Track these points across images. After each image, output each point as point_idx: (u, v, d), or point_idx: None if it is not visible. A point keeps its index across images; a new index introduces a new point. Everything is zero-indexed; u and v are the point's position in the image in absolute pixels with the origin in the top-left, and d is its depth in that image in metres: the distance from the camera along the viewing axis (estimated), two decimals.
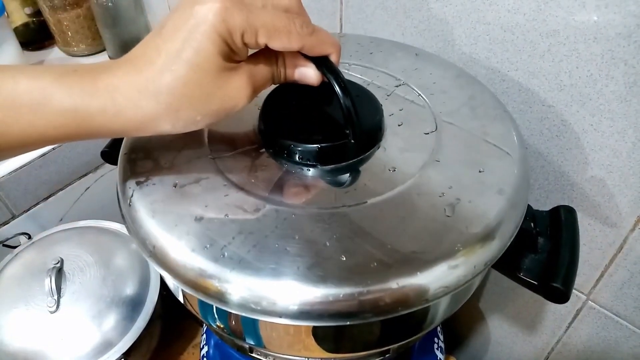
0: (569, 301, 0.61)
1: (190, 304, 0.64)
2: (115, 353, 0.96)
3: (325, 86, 0.56)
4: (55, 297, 0.95)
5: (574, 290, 0.95)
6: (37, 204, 1.19)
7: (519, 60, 0.77)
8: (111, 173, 1.29)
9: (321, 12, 0.96)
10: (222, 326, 0.62)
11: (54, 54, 1.40)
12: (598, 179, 0.79)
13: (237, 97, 0.47)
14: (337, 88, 0.54)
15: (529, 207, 0.63)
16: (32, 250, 1.04)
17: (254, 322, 0.57)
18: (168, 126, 0.46)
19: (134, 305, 1.00)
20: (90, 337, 0.96)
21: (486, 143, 0.66)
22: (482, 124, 0.68)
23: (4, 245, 1.06)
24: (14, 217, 1.17)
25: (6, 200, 1.13)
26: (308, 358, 0.65)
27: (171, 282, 0.63)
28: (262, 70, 0.50)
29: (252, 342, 0.63)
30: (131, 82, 0.43)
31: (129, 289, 1.01)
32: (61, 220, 1.24)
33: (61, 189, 1.22)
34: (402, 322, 0.59)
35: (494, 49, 0.79)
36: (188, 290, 0.52)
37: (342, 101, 0.55)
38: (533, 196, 0.89)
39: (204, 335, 0.97)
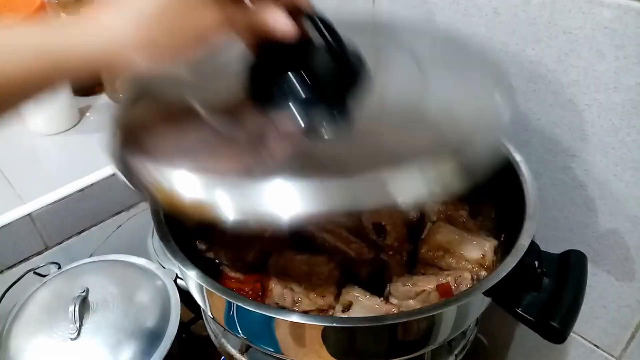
0: None
1: (212, 310, 0.66)
2: None
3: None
4: (77, 324, 0.96)
5: (602, 353, 0.92)
6: (70, 237, 1.23)
7: (541, 110, 0.79)
8: (143, 213, 1.33)
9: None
10: (244, 337, 0.63)
11: (102, 100, 1.49)
12: (624, 230, 0.78)
13: (211, 26, 0.49)
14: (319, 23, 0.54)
15: (536, 245, 0.64)
16: (61, 280, 1.07)
17: (270, 323, 0.58)
18: (143, 57, 0.46)
19: (152, 339, 1.00)
20: None
21: None
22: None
23: (34, 273, 1.10)
24: (47, 248, 1.21)
25: (42, 231, 1.18)
26: None
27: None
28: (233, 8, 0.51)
29: (270, 349, 0.64)
30: (112, 11, 0.45)
31: (149, 323, 1.02)
32: (91, 255, 1.28)
33: (94, 225, 1.27)
34: (407, 330, 0.60)
35: (518, 99, 0.81)
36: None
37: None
38: (556, 249, 0.88)
39: None
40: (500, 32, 0.78)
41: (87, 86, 1.50)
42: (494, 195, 0.81)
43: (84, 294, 1.01)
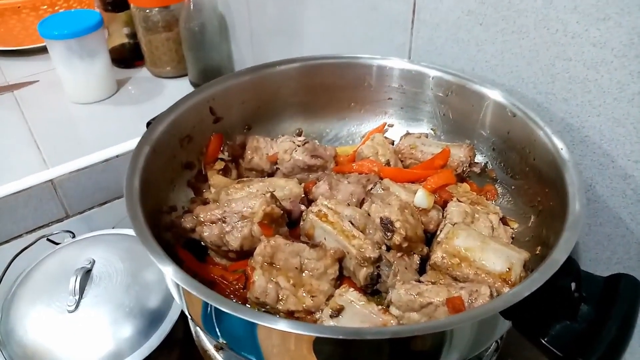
0: None
1: (189, 309, 0.58)
2: None
3: None
4: (77, 297, 0.92)
5: None
6: (92, 208, 1.21)
7: (602, 104, 0.66)
8: None
9: (391, 43, 0.92)
10: (224, 342, 0.55)
11: (142, 73, 1.47)
12: None
13: None
14: None
15: (574, 263, 0.51)
16: (72, 249, 1.04)
17: (253, 330, 0.49)
18: None
19: (152, 320, 0.95)
20: (102, 344, 0.91)
21: None
22: None
23: (47, 240, 1.07)
24: (67, 217, 1.19)
25: (63, 198, 1.16)
26: None
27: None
28: None
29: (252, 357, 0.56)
30: None
31: (151, 304, 0.96)
32: (113, 227, 1.25)
33: (117, 197, 1.23)
34: (404, 348, 0.50)
35: (574, 89, 0.68)
36: None
37: None
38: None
39: None
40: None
41: (127, 58, 1.49)
42: (534, 200, 0.69)
43: (89, 266, 0.97)
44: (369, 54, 0.85)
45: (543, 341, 0.50)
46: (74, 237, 1.10)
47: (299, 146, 0.78)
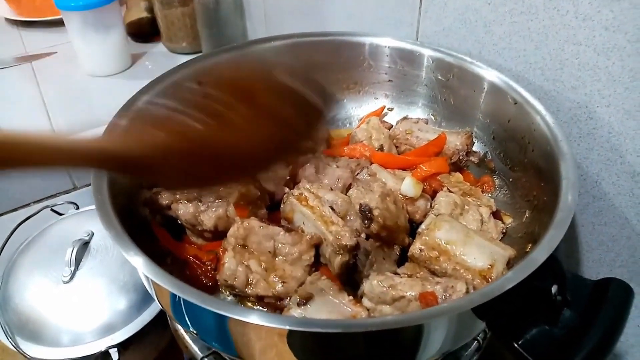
0: None
1: (159, 297, 0.56)
2: (113, 339, 0.91)
3: None
4: (72, 268, 0.93)
5: None
6: None
7: (612, 94, 0.61)
8: None
9: (399, 23, 0.87)
10: (194, 331, 0.53)
11: (158, 48, 1.46)
12: None
13: None
14: None
15: (558, 264, 0.47)
16: (73, 221, 1.05)
17: (223, 321, 0.47)
18: None
19: (144, 296, 0.95)
20: (94, 315, 0.92)
21: None
22: None
23: (51, 210, 1.08)
24: (74, 189, 1.20)
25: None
26: None
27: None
28: None
29: (221, 347, 0.54)
30: None
31: (145, 280, 0.96)
32: None
33: None
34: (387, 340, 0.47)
35: (583, 76, 0.63)
36: None
37: None
38: (610, 274, 0.69)
39: None
40: None
41: (145, 32, 1.48)
42: (529, 194, 0.64)
43: (87, 238, 0.98)
44: (377, 34, 0.81)
45: (515, 345, 0.47)
46: (77, 208, 1.11)
47: None
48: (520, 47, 0.70)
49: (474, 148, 0.72)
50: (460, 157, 0.70)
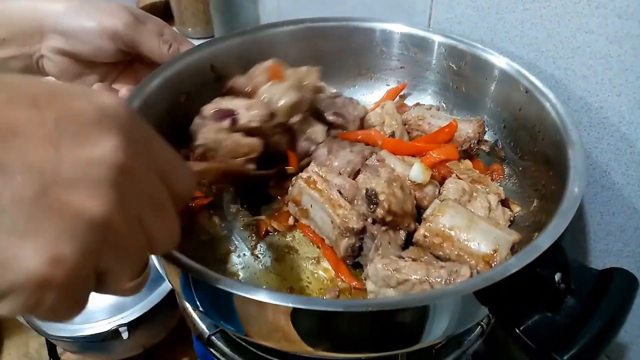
0: None
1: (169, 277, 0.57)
2: (123, 318, 0.93)
3: None
4: None
5: None
6: None
7: (624, 83, 0.61)
8: None
9: (411, 10, 0.87)
10: (200, 306, 0.54)
11: None
12: None
13: None
14: None
15: (562, 252, 0.47)
16: None
17: (230, 298, 0.48)
18: None
19: (154, 278, 0.96)
20: (105, 295, 0.94)
21: None
22: None
23: None
24: None
25: None
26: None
27: None
28: None
29: (230, 326, 0.55)
30: None
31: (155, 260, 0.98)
32: None
33: None
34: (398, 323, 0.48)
35: (595, 65, 0.63)
36: None
37: None
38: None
39: None
40: None
41: (159, 17, 1.48)
42: (538, 183, 0.64)
43: None
44: (389, 20, 0.80)
45: (517, 330, 0.47)
46: None
47: (329, 98, 0.73)
48: (532, 34, 0.69)
49: (485, 137, 0.72)
50: (471, 145, 0.69)
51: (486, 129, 0.73)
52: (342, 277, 0.60)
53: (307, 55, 0.77)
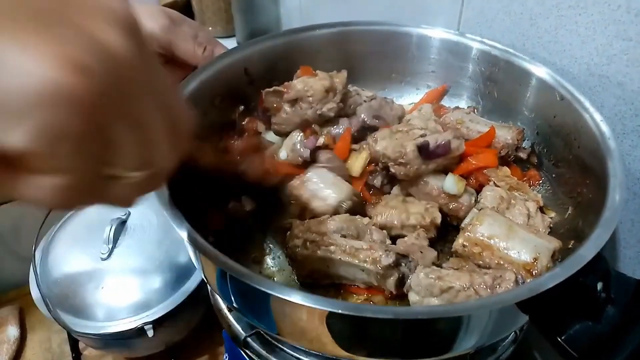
0: None
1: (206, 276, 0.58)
2: (148, 316, 0.94)
3: None
4: (110, 245, 0.96)
5: None
6: None
7: None
8: None
9: (440, 13, 0.87)
10: (236, 305, 0.54)
11: None
12: None
13: None
14: None
15: (604, 262, 0.48)
16: None
17: (267, 299, 0.48)
18: None
19: (179, 276, 0.98)
20: (130, 292, 0.95)
21: None
22: None
23: None
24: None
25: None
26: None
27: None
28: None
29: (264, 326, 0.55)
30: None
31: (181, 259, 0.99)
32: None
33: None
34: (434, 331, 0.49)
35: (631, 73, 0.63)
36: None
37: None
38: None
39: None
40: None
41: None
42: (573, 190, 0.64)
43: (124, 217, 1.01)
44: (419, 23, 0.80)
45: (559, 339, 0.47)
46: None
47: (365, 101, 0.73)
48: (566, 41, 0.69)
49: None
50: (509, 152, 0.69)
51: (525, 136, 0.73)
52: None
53: (338, 59, 0.78)
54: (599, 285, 0.48)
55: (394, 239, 0.61)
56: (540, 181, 0.72)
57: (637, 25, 0.60)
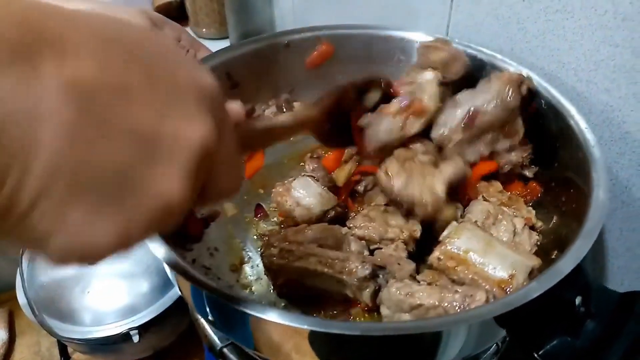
0: None
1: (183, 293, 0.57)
2: (134, 322, 0.93)
3: None
4: None
5: None
6: None
7: None
8: None
9: (430, 16, 0.86)
10: (212, 319, 0.54)
11: None
12: None
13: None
14: None
15: (583, 275, 0.46)
16: None
17: (242, 316, 0.47)
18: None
19: (167, 281, 0.97)
20: (118, 296, 0.94)
21: None
22: None
23: None
24: None
25: None
26: None
27: None
28: None
29: (240, 341, 0.55)
30: None
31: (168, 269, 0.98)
32: None
33: None
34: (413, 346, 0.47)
35: (618, 79, 0.61)
36: None
37: None
38: (636, 281, 0.68)
39: None
40: None
41: (173, 17, 1.48)
42: (558, 199, 0.63)
43: None
44: (410, 27, 0.79)
45: (536, 355, 0.46)
46: None
47: None
48: (553, 45, 0.68)
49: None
50: (514, 169, 0.67)
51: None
52: None
53: (325, 63, 0.76)
54: (578, 300, 0.47)
55: (374, 250, 0.60)
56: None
57: (623, 31, 0.59)
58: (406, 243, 0.59)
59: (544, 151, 0.66)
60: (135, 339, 0.93)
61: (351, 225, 0.61)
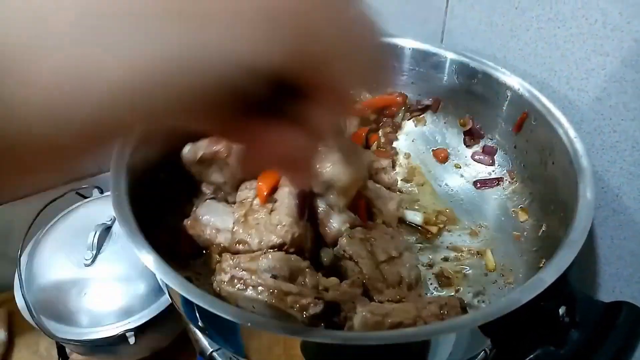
0: None
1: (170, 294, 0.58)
2: (130, 323, 0.94)
3: None
4: (94, 252, 0.96)
5: None
6: None
7: (638, 107, 0.59)
8: None
9: (425, 22, 0.86)
10: (202, 326, 0.54)
11: None
12: None
13: None
14: None
15: (568, 285, 0.47)
16: (97, 204, 1.08)
17: (235, 326, 0.48)
18: None
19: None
20: (113, 299, 0.95)
21: None
22: None
23: (76, 194, 1.11)
24: (100, 172, 1.22)
25: None
26: None
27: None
28: None
29: (232, 349, 0.55)
30: None
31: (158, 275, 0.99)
32: None
33: None
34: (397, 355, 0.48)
35: (609, 88, 0.62)
36: None
37: None
38: (627, 289, 0.68)
39: None
40: None
41: None
42: (547, 207, 0.63)
43: (109, 222, 1.00)
44: (402, 33, 0.80)
45: None
46: (102, 192, 1.13)
47: None
48: (546, 54, 0.68)
49: (496, 157, 0.71)
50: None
51: (497, 148, 0.72)
52: None
53: None
54: (562, 310, 0.48)
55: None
56: (520, 192, 0.70)
57: (613, 41, 0.59)
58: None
59: (534, 159, 0.67)
60: (132, 340, 0.93)
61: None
